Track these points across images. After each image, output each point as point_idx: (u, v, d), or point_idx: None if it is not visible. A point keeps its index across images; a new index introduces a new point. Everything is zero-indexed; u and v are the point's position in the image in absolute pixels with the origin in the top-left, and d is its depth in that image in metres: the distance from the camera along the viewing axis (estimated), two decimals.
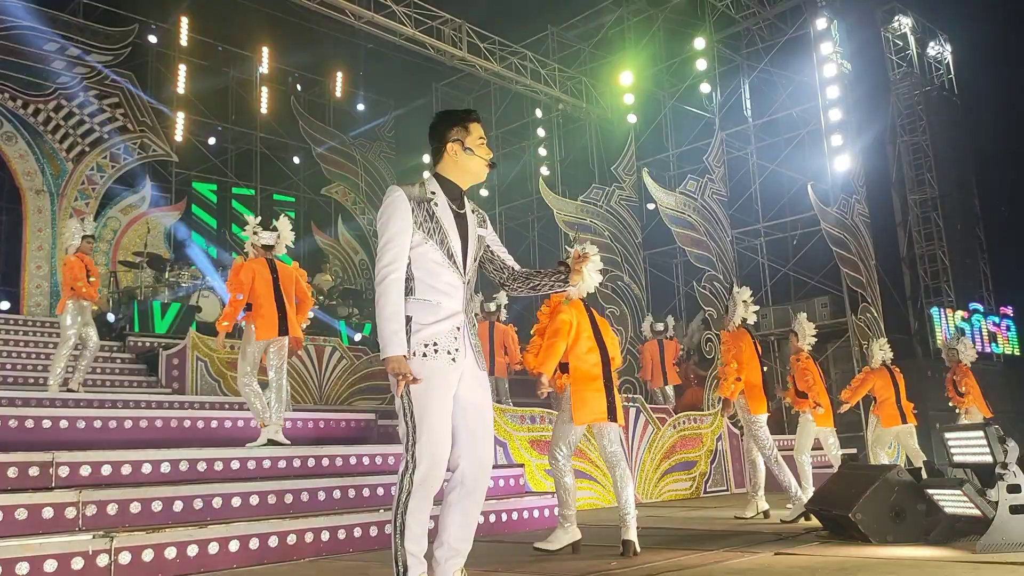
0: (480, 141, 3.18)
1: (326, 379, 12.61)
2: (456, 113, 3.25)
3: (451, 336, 3.02)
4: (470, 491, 3.01)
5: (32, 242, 13.58)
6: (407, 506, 2.90)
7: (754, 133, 15.18)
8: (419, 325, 2.99)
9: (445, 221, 3.08)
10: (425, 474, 2.90)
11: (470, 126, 3.18)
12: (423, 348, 2.97)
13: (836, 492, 5.44)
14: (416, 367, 2.95)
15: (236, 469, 5.93)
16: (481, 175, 3.22)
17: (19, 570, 4.04)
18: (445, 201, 3.12)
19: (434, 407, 2.94)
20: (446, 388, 2.98)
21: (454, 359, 3.00)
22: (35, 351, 10.45)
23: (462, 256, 3.10)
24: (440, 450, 2.93)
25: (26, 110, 13.77)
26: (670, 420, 10.17)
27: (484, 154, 3.19)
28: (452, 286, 3.06)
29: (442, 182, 3.17)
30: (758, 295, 14.65)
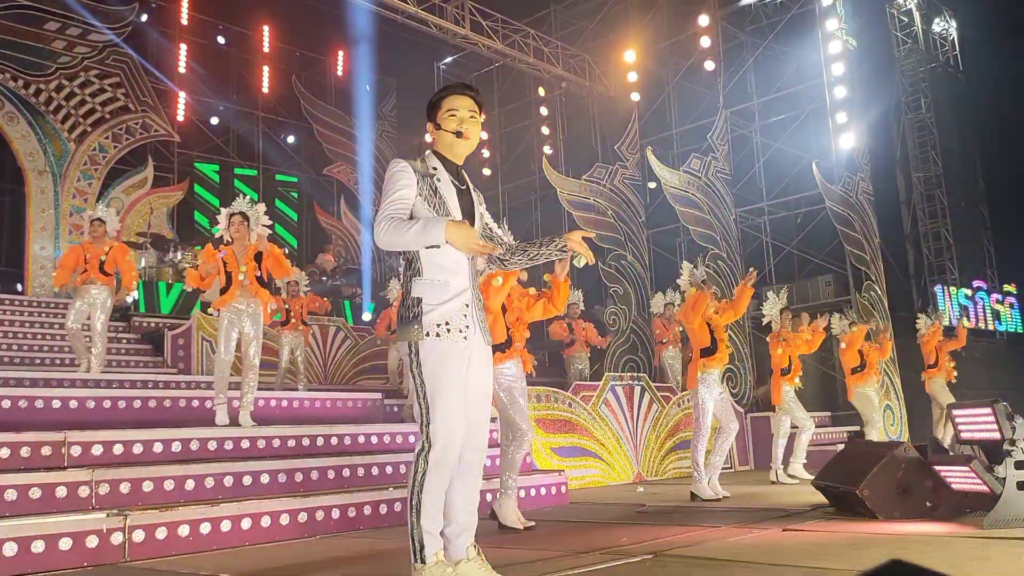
0: (448, 114, 3.14)
1: (331, 359, 12.66)
2: (435, 94, 3.25)
3: (461, 314, 3.04)
4: (468, 467, 3.06)
5: (35, 223, 13.57)
6: (423, 485, 2.92)
7: (758, 111, 15.10)
8: (430, 306, 3.01)
9: (448, 196, 3.10)
10: (440, 454, 2.93)
11: (440, 102, 3.16)
12: (435, 328, 2.99)
13: (843, 468, 5.47)
14: (429, 347, 2.98)
15: (246, 448, 5.98)
16: (457, 148, 3.17)
17: (35, 548, 4.09)
18: (448, 177, 3.14)
19: (448, 387, 2.96)
20: (459, 367, 3.01)
21: (466, 337, 3.03)
22: (40, 331, 10.48)
23: None
24: (455, 429, 2.96)
25: (27, 90, 13.71)
26: (675, 398, 10.21)
27: (448, 126, 3.14)
28: (458, 263, 3.07)
29: (440, 158, 3.19)
30: (762, 273, 14.68)
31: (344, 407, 8.18)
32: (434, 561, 2.90)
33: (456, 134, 3.13)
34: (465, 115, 3.14)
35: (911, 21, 18.68)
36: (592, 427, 8.89)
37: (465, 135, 3.14)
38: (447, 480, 2.98)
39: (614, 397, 9.33)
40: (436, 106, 3.18)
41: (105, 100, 14.53)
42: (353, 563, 4.17)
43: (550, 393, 8.69)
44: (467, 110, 3.15)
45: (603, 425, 9.04)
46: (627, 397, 9.49)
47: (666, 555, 3.85)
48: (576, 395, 8.86)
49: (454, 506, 3.03)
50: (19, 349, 9.85)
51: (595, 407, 9.03)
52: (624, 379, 9.73)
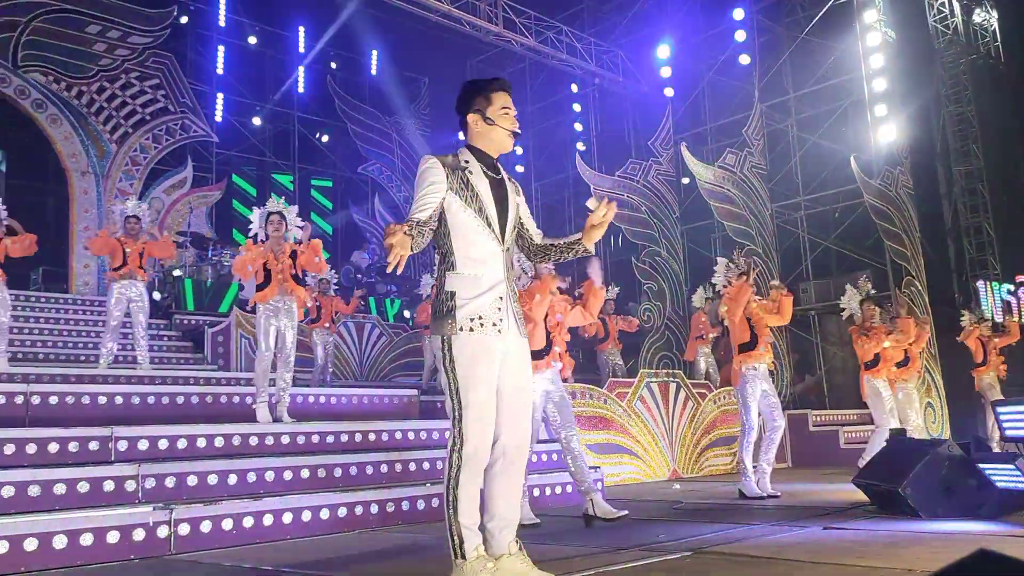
0: (503, 111, 3.12)
1: (367, 355, 12.78)
2: (479, 83, 3.19)
3: (494, 307, 3.01)
4: (512, 461, 3.03)
5: (79, 223, 13.85)
6: (458, 481, 2.92)
7: (794, 105, 14.92)
8: (463, 300, 2.99)
9: (481, 188, 3.06)
10: (473, 449, 2.93)
11: (492, 96, 3.12)
12: (468, 323, 2.97)
13: (884, 466, 5.41)
14: (462, 342, 2.96)
15: (286, 443, 6.06)
16: (506, 145, 3.16)
17: (83, 541, 4.19)
18: (480, 168, 3.10)
19: (480, 382, 2.95)
20: (491, 362, 2.99)
21: (500, 330, 3.01)
22: (84, 329, 10.70)
23: (499, 223, 3.08)
24: (487, 425, 2.96)
25: (70, 92, 13.99)
26: (710, 395, 10.15)
27: (507, 124, 3.12)
28: (492, 254, 3.05)
29: (474, 151, 3.15)
30: (798, 269, 14.53)
31: (381, 403, 8.25)
32: (475, 556, 2.89)
33: (514, 134, 3.14)
34: (514, 114, 3.15)
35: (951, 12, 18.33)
36: (627, 424, 8.87)
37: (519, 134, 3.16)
38: (481, 475, 2.97)
39: (649, 394, 9.30)
40: (486, 99, 3.13)
41: (145, 102, 14.78)
42: (394, 558, 4.21)
43: (585, 390, 8.68)
44: (513, 109, 3.16)
45: (638, 422, 9.02)
46: (662, 394, 9.46)
47: (705, 552, 3.84)
48: (611, 392, 8.85)
49: (496, 500, 3.02)
50: (64, 346, 10.08)
51: (630, 404, 9.01)
52: (659, 376, 9.70)
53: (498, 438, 3.01)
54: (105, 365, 8.28)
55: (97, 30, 14.25)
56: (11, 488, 4.38)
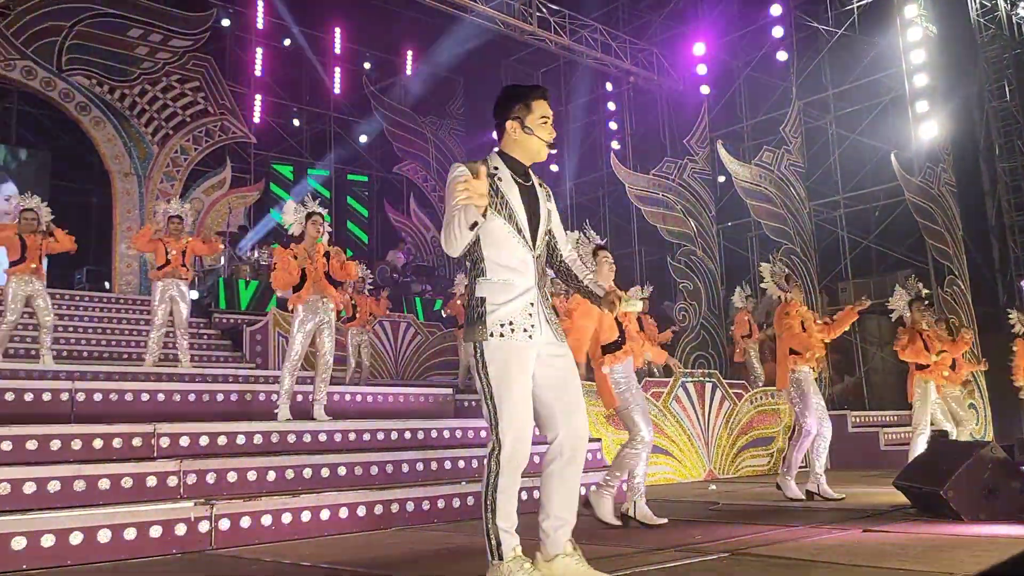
0: (542, 121, 3.10)
1: (402, 354, 12.86)
2: (520, 89, 3.17)
3: (525, 313, 3.00)
4: (569, 461, 3.00)
5: (122, 223, 14.11)
6: (496, 486, 2.91)
7: (833, 101, 14.72)
8: (493, 306, 2.99)
9: (511, 195, 3.05)
10: (511, 454, 2.92)
11: (532, 104, 3.10)
12: (499, 328, 2.96)
13: (926, 469, 5.32)
14: (493, 348, 2.96)
15: (323, 441, 6.12)
16: (541, 155, 3.14)
17: (127, 535, 4.28)
18: (509, 175, 3.08)
19: (514, 387, 2.95)
20: (523, 367, 2.98)
21: (531, 336, 2.99)
22: (126, 328, 10.90)
23: (530, 230, 3.06)
24: (523, 429, 2.95)
25: (112, 95, 14.27)
26: (747, 395, 10.06)
27: (545, 135, 3.11)
28: (523, 261, 3.03)
29: (505, 158, 3.13)
30: (837, 268, 14.34)
31: (416, 402, 8.30)
32: (512, 556, 2.88)
33: (550, 145, 3.13)
34: (550, 123, 3.13)
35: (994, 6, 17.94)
36: (663, 424, 8.83)
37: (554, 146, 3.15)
38: (519, 478, 2.96)
39: (685, 394, 9.25)
40: (526, 107, 3.11)
41: (186, 104, 15.03)
42: (432, 557, 4.24)
43: None
44: (551, 117, 3.14)
45: (674, 422, 8.97)
46: (698, 394, 9.40)
47: (742, 554, 3.82)
48: (646, 391, 8.81)
49: (552, 500, 3.00)
50: (107, 344, 10.28)
51: (665, 404, 8.97)
52: (695, 376, 9.64)
53: (555, 436, 3.00)
54: (152, 363, 8.43)
55: (139, 34, 14.51)
56: (57, 483, 4.49)
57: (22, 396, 6.03)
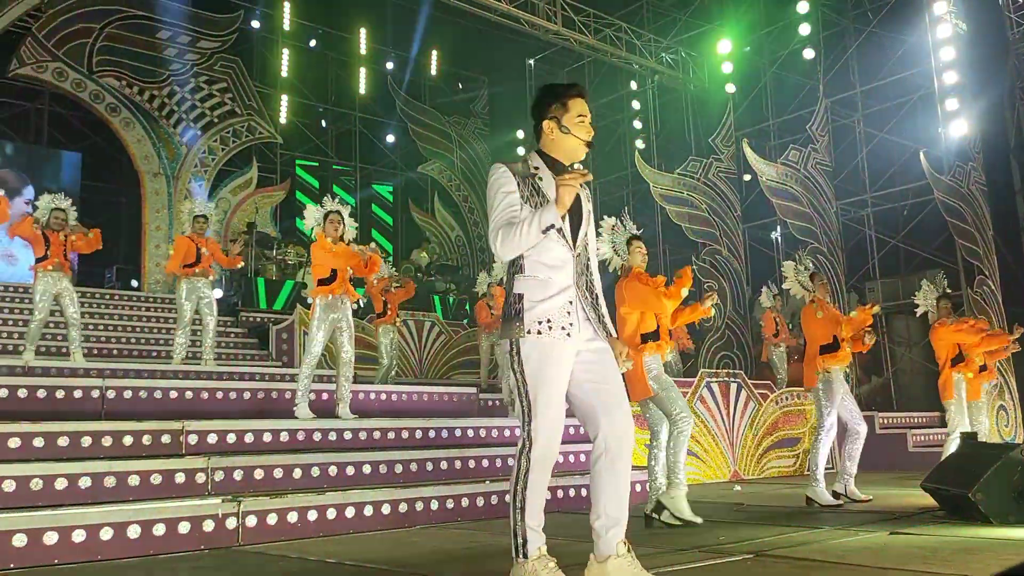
0: (579, 119, 3.08)
1: (426, 353, 12.91)
2: (556, 88, 3.14)
3: (563, 311, 2.97)
4: (614, 458, 2.96)
5: (151, 223, 14.30)
6: (526, 483, 2.89)
7: (861, 99, 14.57)
8: (531, 303, 2.97)
9: (551, 195, 3.02)
10: (542, 452, 2.91)
11: (569, 103, 3.08)
12: (536, 326, 2.94)
13: (954, 471, 5.26)
14: (530, 345, 2.94)
15: (348, 439, 6.17)
16: (578, 154, 3.13)
17: (156, 531, 4.34)
18: (550, 175, 3.06)
19: (548, 385, 2.92)
20: (560, 365, 2.95)
21: (568, 334, 2.96)
22: (156, 326, 11.06)
23: (570, 229, 3.04)
24: (555, 427, 2.93)
25: (142, 96, 14.46)
26: (772, 395, 9.99)
27: (582, 133, 3.08)
28: (562, 260, 3.01)
29: (544, 157, 3.12)
30: (864, 268, 14.19)
31: (440, 401, 8.35)
32: (537, 555, 2.87)
33: (588, 144, 3.11)
34: (589, 121, 3.11)
35: None
36: None
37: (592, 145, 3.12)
38: (548, 477, 2.95)
39: (709, 394, 9.20)
40: (563, 106, 3.09)
41: (213, 105, 15.20)
42: (457, 556, 4.26)
43: None
44: (588, 115, 3.12)
45: (698, 422, 8.93)
46: (723, 394, 9.35)
47: (767, 555, 3.80)
48: None
49: (601, 499, 2.95)
50: (136, 342, 10.42)
51: (690, 404, 8.92)
52: (719, 376, 9.59)
53: (596, 434, 2.96)
54: (179, 360, 8.52)
55: (167, 35, 14.69)
56: (88, 479, 4.57)
57: (54, 393, 6.14)
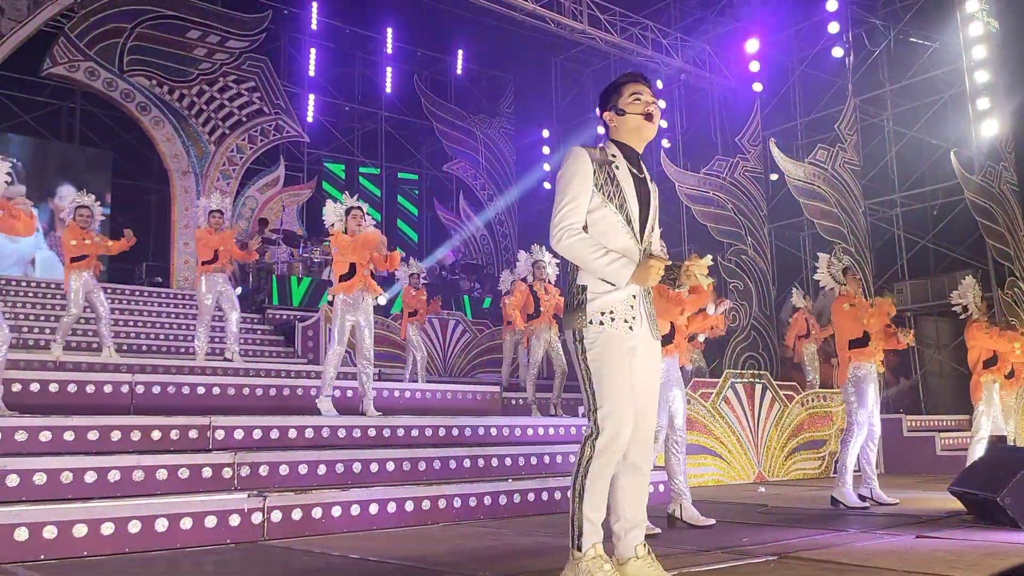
0: (631, 98, 3.08)
1: (450, 352, 12.96)
2: (611, 82, 3.19)
3: (627, 304, 2.96)
4: (634, 464, 2.97)
5: (179, 220, 14.49)
6: (587, 471, 2.87)
7: (890, 98, 14.41)
8: (594, 294, 2.95)
9: (625, 185, 3.02)
10: (608, 441, 2.87)
11: (621, 88, 3.11)
12: (599, 316, 2.93)
13: (982, 474, 5.19)
14: (593, 335, 2.93)
15: (372, 436, 6.21)
16: (644, 130, 3.10)
17: (183, 525, 4.40)
18: (626, 165, 3.06)
19: (614, 374, 2.90)
20: (625, 356, 2.93)
21: (631, 327, 2.95)
22: (184, 322, 11.18)
23: (640, 222, 3.04)
24: (624, 418, 2.89)
25: (171, 95, 14.64)
26: (798, 397, 9.92)
27: (637, 108, 3.07)
28: (628, 251, 2.97)
29: (619, 145, 3.12)
30: (893, 269, 14.03)
31: (464, 399, 8.37)
32: (592, 554, 2.83)
33: (646, 116, 3.07)
34: (649, 99, 3.10)
35: None
36: (711, 425, 8.75)
37: (653, 118, 3.09)
38: (612, 468, 2.92)
39: (734, 395, 9.15)
40: (615, 92, 3.12)
41: (242, 104, 15.36)
42: (480, 553, 4.27)
43: None
44: (649, 95, 3.11)
45: (722, 423, 8.89)
46: (747, 395, 9.29)
47: (790, 557, 3.78)
48: (695, 392, 8.75)
49: (621, 502, 2.97)
50: (165, 338, 10.55)
51: (714, 404, 8.88)
52: (744, 376, 9.53)
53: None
54: (203, 356, 8.58)
55: (197, 35, 14.86)
56: (117, 472, 4.64)
57: (84, 388, 6.25)
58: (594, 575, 2.81)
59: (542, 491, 5.85)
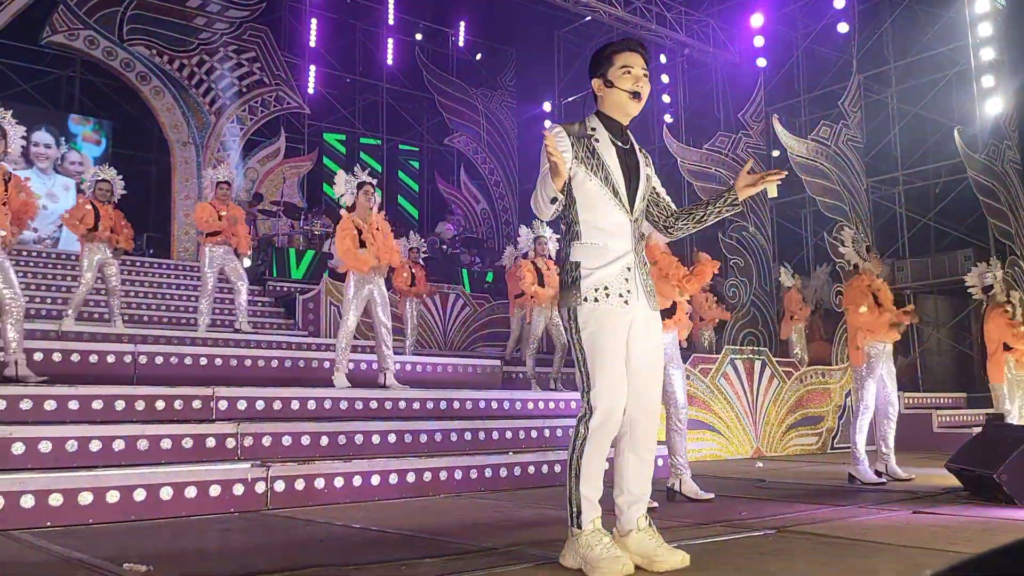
0: (623, 71, 2.99)
1: (450, 325, 12.98)
2: (606, 46, 3.10)
3: (621, 278, 2.94)
4: (638, 437, 2.98)
5: (180, 191, 14.45)
6: (583, 451, 2.87)
7: (895, 75, 14.33)
8: (588, 270, 2.93)
9: (608, 157, 2.98)
10: (601, 420, 2.87)
11: (614, 57, 3.02)
12: (593, 293, 2.91)
13: (979, 451, 5.24)
14: (587, 313, 2.91)
15: (374, 408, 6.25)
16: (628, 108, 3.03)
17: (188, 494, 4.45)
18: (607, 136, 3.02)
19: (607, 353, 2.89)
20: (618, 333, 2.92)
21: (626, 301, 2.93)
22: (185, 293, 11.20)
23: (627, 193, 2.99)
24: (616, 396, 2.89)
25: (172, 65, 14.53)
26: (797, 374, 9.97)
27: (626, 84, 2.99)
28: (619, 225, 2.97)
29: (601, 118, 3.07)
30: (895, 247, 14.03)
31: (464, 372, 8.42)
32: (591, 529, 2.86)
33: (633, 95, 3.01)
34: (640, 73, 3.02)
35: None
36: (710, 400, 8.81)
37: (641, 96, 3.02)
38: (608, 446, 2.93)
39: (733, 371, 9.20)
40: (607, 61, 3.04)
41: (242, 74, 15.24)
42: (480, 525, 4.32)
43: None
44: (641, 68, 3.03)
45: (721, 399, 8.94)
46: (747, 371, 9.34)
47: (789, 531, 3.82)
48: (694, 367, 8.79)
49: (625, 476, 2.99)
50: (167, 310, 10.57)
51: (713, 380, 8.93)
52: (744, 353, 9.57)
53: (624, 410, 2.94)
54: (204, 328, 8.58)
55: (197, 4, 14.71)
56: (121, 442, 4.68)
57: (87, 358, 6.28)
58: (593, 548, 2.82)
59: (542, 464, 5.91)
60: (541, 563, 3.04)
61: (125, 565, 2.99)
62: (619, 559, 2.79)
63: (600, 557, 2.79)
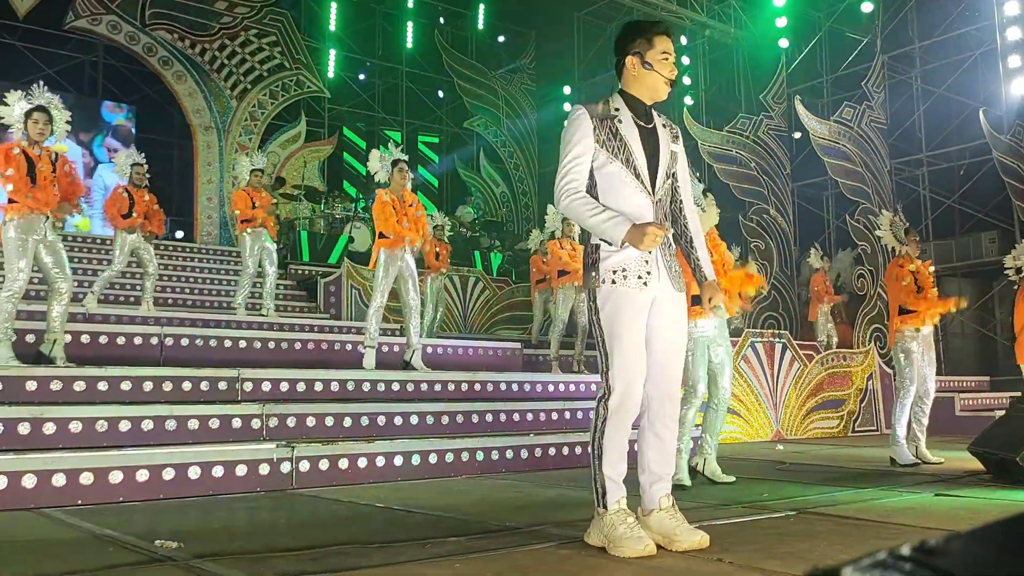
0: (663, 56, 2.99)
1: (470, 308, 13.03)
2: (642, 24, 3.08)
3: (641, 260, 2.93)
4: (657, 416, 3.00)
5: (203, 175, 14.56)
6: (603, 432, 2.91)
7: (920, 55, 14.13)
8: (607, 252, 2.94)
9: (630, 138, 2.97)
10: (620, 400, 2.90)
11: (654, 39, 3.00)
12: (611, 275, 2.92)
13: (1002, 434, 5.22)
14: (605, 294, 2.94)
15: (396, 390, 6.31)
16: (660, 93, 3.04)
17: (215, 473, 4.54)
18: (630, 117, 3.00)
19: (625, 333, 2.90)
20: (636, 314, 2.93)
21: (645, 283, 2.93)
22: (208, 276, 11.33)
23: (649, 173, 2.98)
24: (634, 376, 2.91)
25: (193, 50, 14.60)
26: (818, 357, 9.93)
27: (665, 70, 2.99)
28: (640, 207, 2.95)
29: (626, 98, 3.05)
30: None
31: (485, 355, 8.47)
32: (616, 509, 2.88)
33: (670, 82, 3.03)
34: (673, 60, 3.05)
35: None
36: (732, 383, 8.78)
37: (674, 84, 3.05)
38: (628, 426, 2.95)
39: (754, 354, 9.18)
40: (647, 42, 3.02)
41: (263, 59, 15.30)
42: (501, 503, 4.37)
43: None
44: (673, 55, 3.05)
45: (742, 382, 8.93)
46: (767, 354, 9.32)
47: (809, 512, 3.83)
48: None
49: (646, 456, 3.01)
50: (191, 292, 10.70)
51: (734, 363, 8.91)
52: (764, 336, 9.55)
53: (642, 390, 2.97)
54: (243, 311, 8.80)
55: None
56: (150, 422, 4.77)
57: (115, 339, 6.38)
58: (617, 527, 2.85)
59: (563, 446, 5.95)
60: (564, 542, 3.07)
61: (156, 541, 3.06)
62: (641, 539, 2.83)
63: (623, 536, 2.83)
